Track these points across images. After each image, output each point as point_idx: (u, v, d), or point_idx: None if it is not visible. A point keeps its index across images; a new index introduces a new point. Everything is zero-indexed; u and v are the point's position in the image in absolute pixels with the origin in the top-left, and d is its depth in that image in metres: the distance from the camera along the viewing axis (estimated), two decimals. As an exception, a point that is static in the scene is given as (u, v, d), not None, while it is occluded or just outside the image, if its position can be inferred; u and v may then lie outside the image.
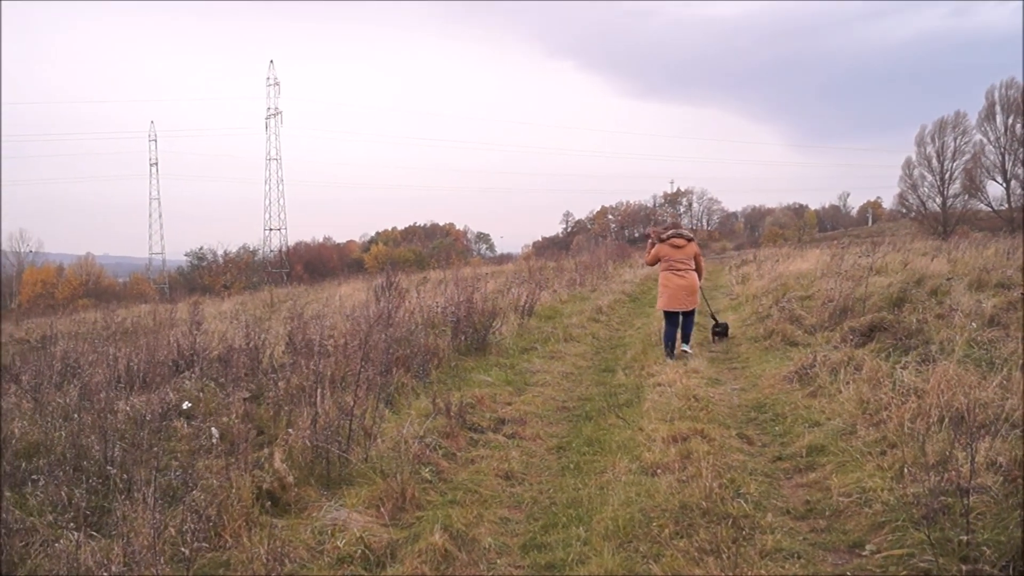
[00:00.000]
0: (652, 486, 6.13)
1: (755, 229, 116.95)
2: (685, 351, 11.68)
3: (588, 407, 9.06)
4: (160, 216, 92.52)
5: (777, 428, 7.75)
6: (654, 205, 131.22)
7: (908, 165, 60.33)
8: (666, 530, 5.26)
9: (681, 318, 11.83)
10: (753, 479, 6.26)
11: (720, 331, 13.27)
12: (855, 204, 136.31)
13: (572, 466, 7.01)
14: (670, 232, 11.99)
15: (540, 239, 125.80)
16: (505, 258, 74.87)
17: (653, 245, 12.13)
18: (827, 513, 5.57)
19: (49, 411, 8.05)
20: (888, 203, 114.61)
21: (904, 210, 64.64)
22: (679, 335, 11.89)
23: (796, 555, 4.92)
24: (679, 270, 11.70)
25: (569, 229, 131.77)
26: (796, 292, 15.98)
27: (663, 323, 11.98)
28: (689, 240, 11.89)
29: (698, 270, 11.94)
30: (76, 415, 7.40)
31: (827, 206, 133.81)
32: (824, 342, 10.93)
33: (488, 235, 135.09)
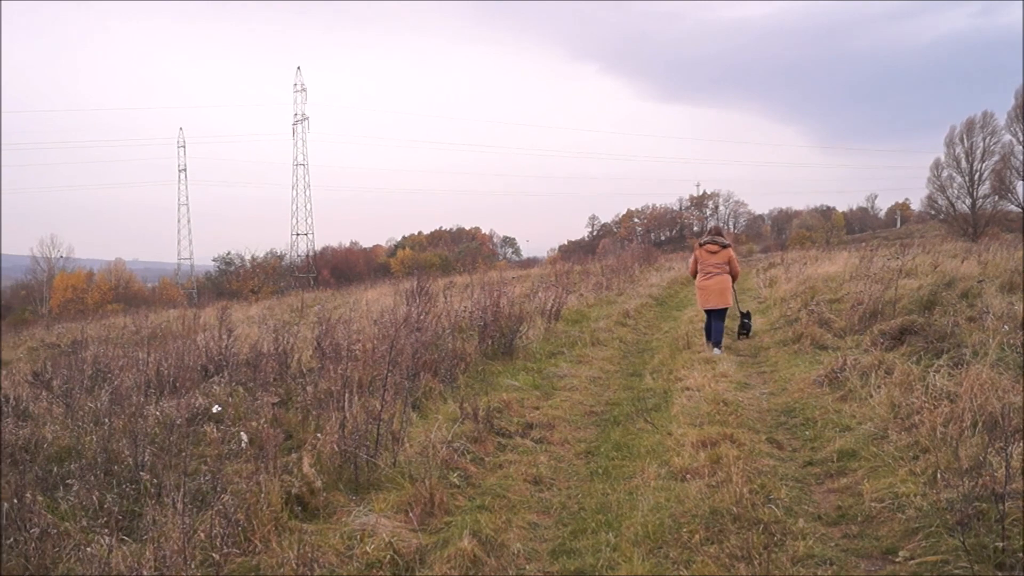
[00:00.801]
0: (682, 491, 6.09)
1: (782, 231, 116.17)
2: (716, 353, 12.04)
3: (616, 412, 9.03)
4: (189, 221, 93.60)
5: (807, 433, 7.68)
6: (680, 208, 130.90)
7: (937, 166, 59.90)
8: (696, 536, 5.23)
9: (713, 320, 12.63)
10: (784, 484, 6.21)
11: (745, 330, 13.85)
12: (883, 206, 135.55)
13: (601, 471, 6.98)
14: (705, 239, 13.11)
15: (566, 243, 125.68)
16: (531, 262, 74.84)
17: (696, 262, 13.09)
18: (859, 519, 5.51)
19: (80, 416, 8.12)
20: (916, 205, 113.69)
21: (933, 212, 64.18)
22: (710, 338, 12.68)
23: (828, 561, 4.87)
24: (710, 273, 12.68)
25: (595, 232, 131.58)
26: (825, 295, 15.86)
27: (704, 319, 13.22)
28: (724, 247, 12.82)
29: (733, 274, 12.83)
30: (107, 420, 7.45)
31: (855, 208, 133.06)
32: (854, 345, 10.83)
33: (514, 239, 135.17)
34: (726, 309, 12.74)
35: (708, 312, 12.79)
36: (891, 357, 9.24)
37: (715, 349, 12.31)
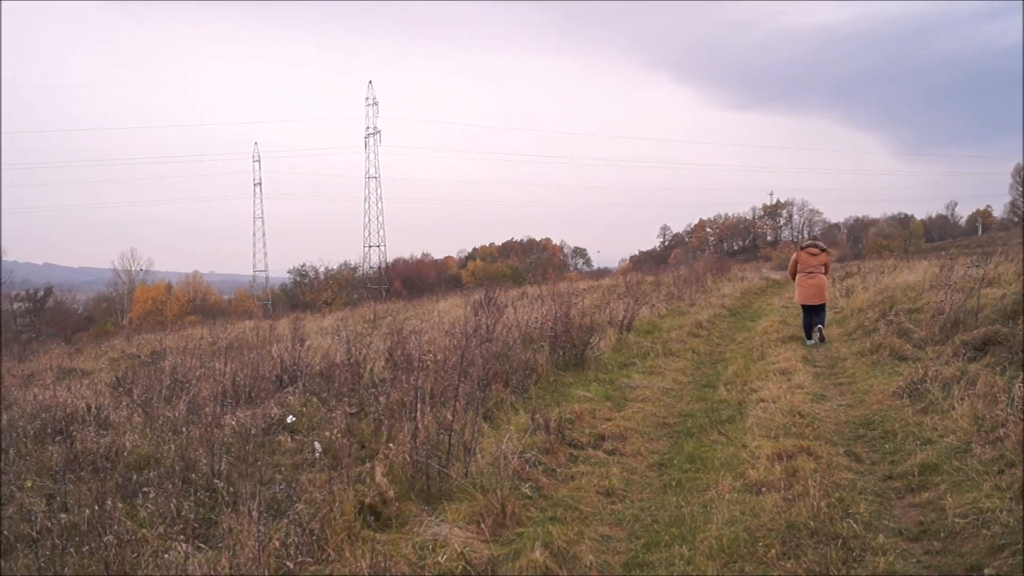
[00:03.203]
0: (757, 505, 5.99)
1: (858, 240, 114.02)
2: (820, 328, 14.11)
3: (689, 423, 8.93)
4: (264, 234, 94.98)
5: (887, 446, 7.50)
6: (753, 217, 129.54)
7: (1019, 172, 58.34)
8: (772, 550, 5.13)
9: (814, 313, 14.37)
10: (863, 498, 6.07)
11: (820, 333, 14.34)
12: (963, 213, 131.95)
13: (674, 483, 6.90)
14: (807, 243, 15.25)
15: (637, 253, 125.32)
16: (602, 273, 74.68)
17: (796, 263, 14.96)
18: (942, 534, 5.36)
19: (159, 425, 8.29)
20: (998, 211, 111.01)
21: (1016, 218, 62.57)
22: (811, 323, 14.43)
23: (910, 578, 4.74)
24: (811, 273, 14.52)
25: (666, 243, 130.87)
26: (903, 305, 15.51)
27: (801, 315, 14.98)
28: (822, 250, 14.84)
29: (827, 275, 14.73)
30: (185, 429, 7.59)
31: (934, 216, 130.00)
32: (935, 356, 10.56)
33: (584, 250, 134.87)
34: (823, 304, 14.44)
35: (806, 307, 14.42)
36: (974, 368, 9.00)
37: (812, 340, 14.07)
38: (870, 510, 5.84)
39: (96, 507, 5.33)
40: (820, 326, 14.21)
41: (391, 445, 7.00)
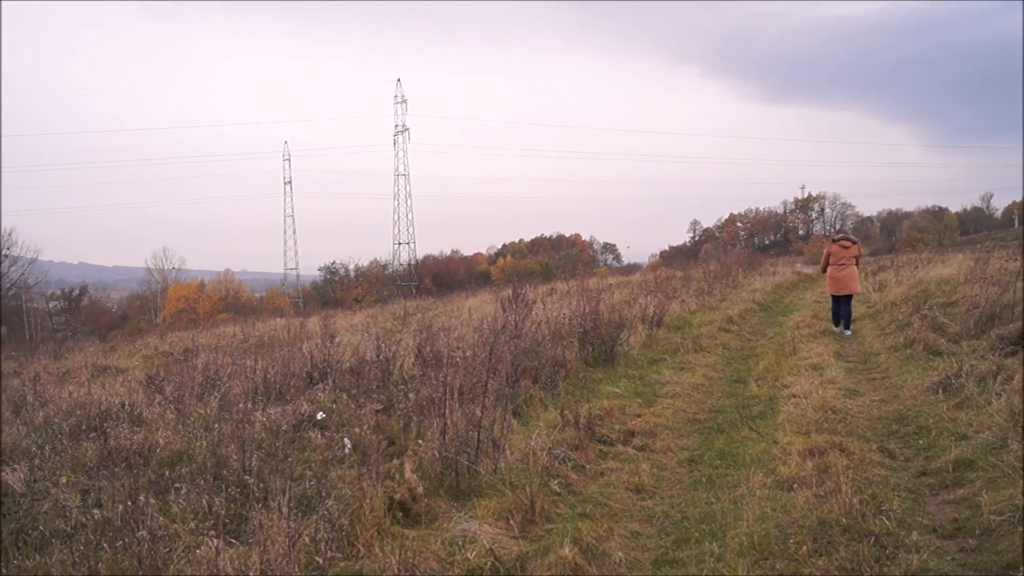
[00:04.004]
0: (788, 501, 5.95)
1: (891, 234, 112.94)
2: (846, 334, 14.41)
3: (720, 419, 8.88)
4: (295, 232, 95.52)
5: (921, 442, 7.42)
6: (785, 211, 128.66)
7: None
8: (804, 547, 5.09)
9: (843, 303, 14.88)
10: (896, 495, 6.01)
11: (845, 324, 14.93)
12: (999, 205, 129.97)
13: (704, 480, 6.87)
14: (839, 236, 15.70)
15: (667, 248, 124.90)
16: (632, 268, 74.41)
17: (828, 256, 15.44)
18: (977, 532, 5.29)
19: (191, 421, 8.36)
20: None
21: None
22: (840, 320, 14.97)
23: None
24: (842, 265, 14.99)
25: (697, 238, 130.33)
26: (938, 299, 15.35)
27: (831, 304, 15.48)
28: (853, 243, 15.35)
29: (858, 266, 15.20)
30: (216, 425, 7.64)
31: (968, 208, 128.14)
32: (970, 351, 10.44)
33: (614, 245, 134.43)
34: (852, 296, 15.03)
35: (836, 298, 14.97)
36: (1011, 363, 8.88)
37: (845, 331, 14.56)
38: (903, 507, 5.79)
39: (129, 503, 5.39)
40: (846, 331, 14.65)
41: (420, 441, 7.02)
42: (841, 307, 14.94)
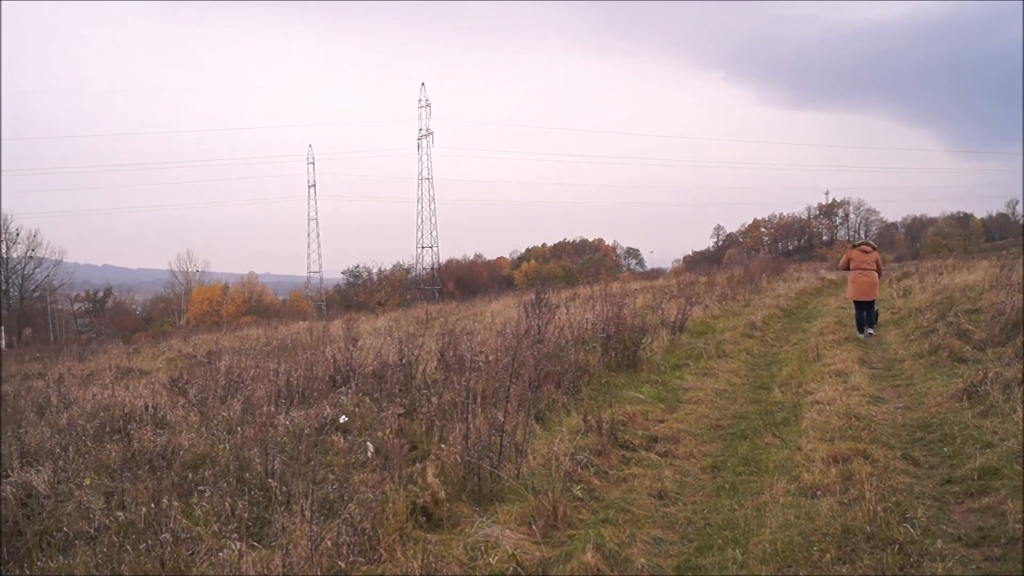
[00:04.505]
0: (812, 508, 5.91)
1: (916, 240, 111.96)
2: (871, 333, 14.92)
3: (743, 425, 8.83)
4: (318, 236, 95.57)
5: (945, 449, 7.35)
6: (808, 216, 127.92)
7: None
8: (827, 555, 5.05)
9: (865, 308, 15.19)
10: (920, 503, 5.96)
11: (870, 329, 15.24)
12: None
13: (727, 486, 6.83)
14: (859, 241, 16.29)
15: (690, 253, 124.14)
16: (655, 273, 74.14)
17: (848, 261, 15.73)
18: (1003, 540, 5.23)
19: (214, 424, 8.39)
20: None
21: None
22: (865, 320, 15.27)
23: (970, 585, 4.64)
24: (863, 270, 15.27)
25: (720, 243, 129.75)
26: (963, 305, 15.24)
27: (854, 310, 15.72)
28: (873, 248, 15.79)
29: (879, 272, 15.57)
30: (239, 428, 7.67)
31: (994, 214, 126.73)
32: (995, 358, 10.34)
33: (637, 250, 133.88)
34: (874, 300, 15.37)
35: (859, 303, 15.23)
36: (1037, 370, 8.79)
37: (868, 331, 14.94)
38: (928, 515, 5.73)
39: (153, 505, 5.41)
40: (870, 330, 15.08)
41: (443, 446, 7.02)
42: (864, 312, 15.19)
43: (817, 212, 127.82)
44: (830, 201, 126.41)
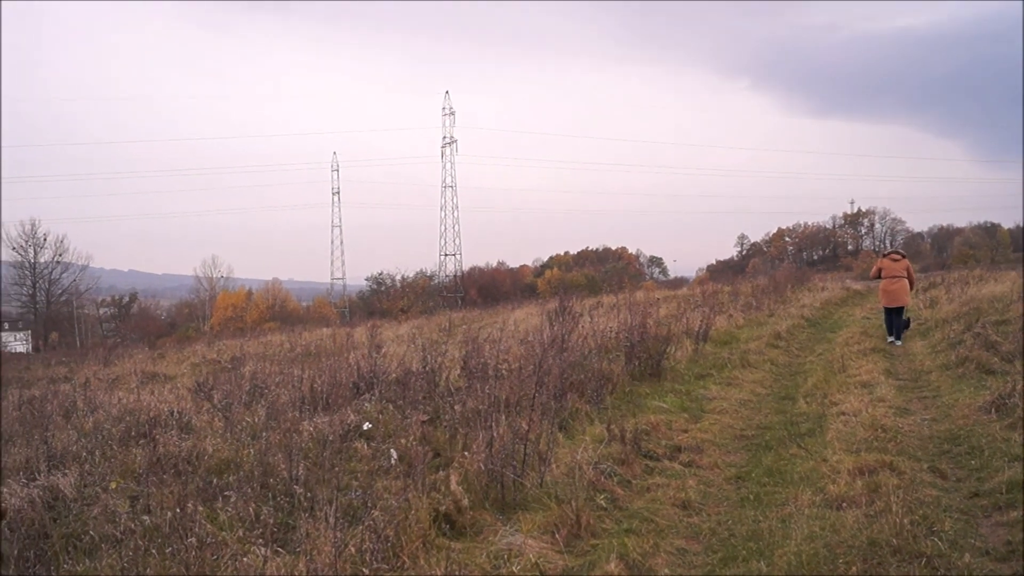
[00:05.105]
0: (837, 520, 5.87)
1: (943, 250, 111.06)
2: (897, 343, 15.34)
3: (768, 436, 8.78)
4: (341, 242, 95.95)
5: (973, 462, 7.28)
6: (833, 226, 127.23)
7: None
8: (853, 568, 5.02)
9: (895, 314, 15.73)
10: (948, 516, 5.91)
11: (905, 326, 16.00)
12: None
13: (752, 497, 6.79)
14: (889, 250, 17.55)
15: (714, 262, 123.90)
16: (679, 282, 73.98)
17: (880, 270, 16.28)
18: (1032, 555, 5.18)
19: (239, 430, 8.42)
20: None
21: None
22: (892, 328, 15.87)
23: (999, 600, 4.60)
24: (893, 278, 15.80)
25: (744, 252, 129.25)
26: (991, 317, 15.10)
27: (883, 316, 16.45)
28: (903, 256, 16.37)
29: (910, 280, 16.09)
30: (264, 434, 7.70)
31: (1022, 225, 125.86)
32: (1024, 370, 10.25)
33: (661, 259, 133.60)
34: (903, 307, 15.76)
35: (888, 309, 15.84)
36: (1066, 383, 8.70)
37: (896, 341, 15.38)
38: (955, 528, 5.69)
39: (178, 510, 5.45)
40: (897, 341, 15.49)
41: (466, 453, 7.01)
42: (893, 318, 15.74)
43: (842, 221, 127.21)
44: (855, 210, 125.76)
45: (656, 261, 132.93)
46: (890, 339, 15.56)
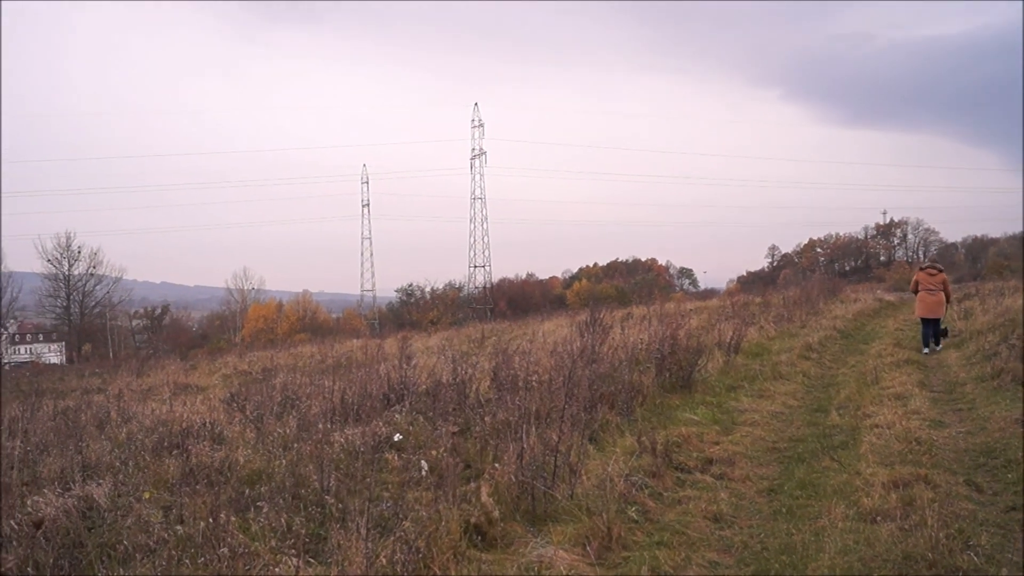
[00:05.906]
0: (871, 534, 5.82)
1: (977, 261, 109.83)
2: (936, 349, 16.02)
3: (800, 448, 8.72)
4: (371, 255, 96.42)
5: (1010, 475, 7.19)
6: (865, 236, 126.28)
7: None
8: (889, 582, 4.96)
9: (931, 326, 16.26)
10: (984, 530, 5.84)
11: (943, 335, 16.62)
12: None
13: (784, 510, 6.74)
14: (926, 264, 17.38)
15: (745, 273, 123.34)
16: (709, 293, 73.64)
17: (916, 283, 16.90)
18: (1072, 570, 5.10)
19: (270, 441, 8.47)
20: None
21: None
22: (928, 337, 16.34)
23: (1038, 616, 4.53)
24: (930, 290, 16.39)
25: (775, 263, 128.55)
26: (1027, 328, 14.91)
27: (919, 327, 17.09)
28: (940, 271, 16.82)
29: (946, 292, 16.61)
30: (295, 445, 7.73)
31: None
32: (1061, 383, 10.11)
33: (691, 270, 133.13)
34: (939, 319, 16.36)
35: (924, 320, 16.36)
36: (1104, 396, 8.57)
37: (936, 347, 16.04)
38: (992, 542, 5.62)
39: (210, 520, 5.47)
40: (936, 347, 16.14)
41: (496, 465, 7.00)
42: (929, 329, 16.25)
43: (874, 232, 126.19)
44: (888, 221, 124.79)
45: (686, 272, 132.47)
46: (925, 350, 15.90)
